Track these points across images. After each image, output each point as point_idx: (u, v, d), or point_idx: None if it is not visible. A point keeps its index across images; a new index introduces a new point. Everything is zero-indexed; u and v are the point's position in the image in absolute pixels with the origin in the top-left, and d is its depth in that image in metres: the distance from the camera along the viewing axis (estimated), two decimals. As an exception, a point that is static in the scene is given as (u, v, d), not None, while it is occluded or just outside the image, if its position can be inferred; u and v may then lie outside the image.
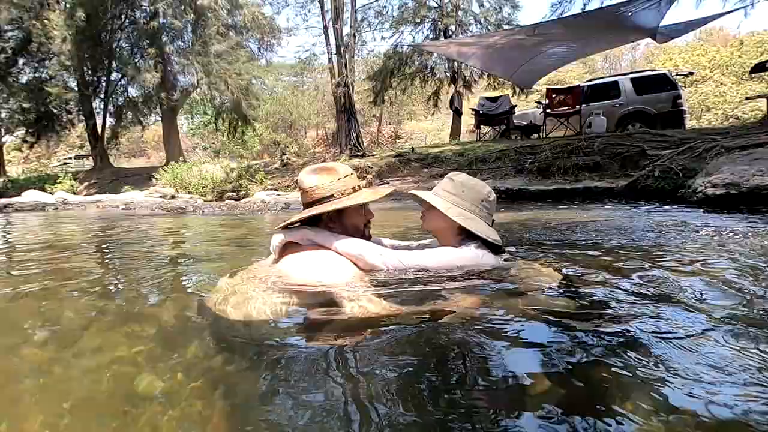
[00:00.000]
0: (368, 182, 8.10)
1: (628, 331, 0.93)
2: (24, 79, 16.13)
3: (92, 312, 1.22)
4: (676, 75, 10.37)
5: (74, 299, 1.37)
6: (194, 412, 0.68)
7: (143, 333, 1.03)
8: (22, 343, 1.01)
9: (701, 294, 1.18)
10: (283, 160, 13.07)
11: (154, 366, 0.84)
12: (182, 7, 14.47)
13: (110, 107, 17.14)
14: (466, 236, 1.34)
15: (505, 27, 14.34)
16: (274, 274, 1.28)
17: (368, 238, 1.42)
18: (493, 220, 1.43)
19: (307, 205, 1.35)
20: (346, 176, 1.36)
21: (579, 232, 2.50)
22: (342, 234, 1.32)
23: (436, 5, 15.70)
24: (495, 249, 1.36)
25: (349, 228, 1.36)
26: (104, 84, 16.69)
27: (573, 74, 25.13)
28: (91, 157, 18.65)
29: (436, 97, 16.77)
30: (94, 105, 16.84)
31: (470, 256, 1.30)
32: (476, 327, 0.96)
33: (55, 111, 16.32)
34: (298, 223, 1.36)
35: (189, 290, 1.44)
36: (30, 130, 16.72)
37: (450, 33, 15.05)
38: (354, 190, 1.35)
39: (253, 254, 2.29)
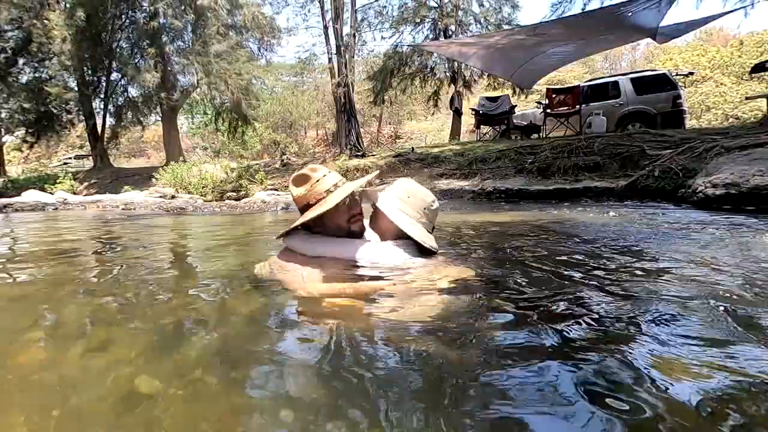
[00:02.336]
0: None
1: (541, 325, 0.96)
2: (24, 79, 16.12)
3: (91, 313, 1.21)
4: (676, 75, 10.36)
5: (73, 299, 1.37)
6: (194, 416, 0.68)
7: (143, 333, 1.03)
8: (21, 343, 1.00)
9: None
10: (283, 160, 13.07)
11: (154, 367, 0.84)
12: (182, 7, 14.46)
13: (110, 107, 17.13)
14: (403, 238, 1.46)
15: (505, 27, 14.34)
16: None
17: (357, 231, 1.50)
18: (434, 227, 1.56)
19: (300, 210, 1.48)
20: (318, 181, 1.43)
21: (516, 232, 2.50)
22: (327, 234, 1.47)
23: (436, 5, 15.70)
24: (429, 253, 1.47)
25: (331, 228, 1.46)
26: (104, 84, 16.68)
27: (573, 74, 25.13)
28: (91, 157, 18.65)
29: (436, 97, 16.76)
30: (94, 105, 16.83)
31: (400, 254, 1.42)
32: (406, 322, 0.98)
33: (55, 111, 16.31)
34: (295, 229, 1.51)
35: (189, 290, 1.44)
36: (30, 130, 16.71)
37: (450, 33, 15.04)
38: (328, 192, 1.41)
39: (253, 254, 2.29)
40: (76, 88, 15.94)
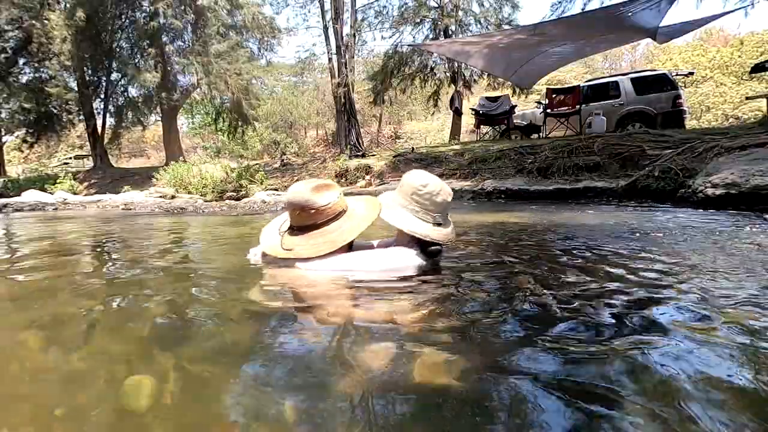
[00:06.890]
0: (368, 182, 8.09)
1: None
2: (24, 79, 16.13)
3: (90, 313, 1.21)
4: (676, 75, 10.35)
5: (72, 300, 1.37)
6: (192, 416, 0.68)
7: (142, 333, 1.03)
8: (18, 344, 1.00)
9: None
10: (283, 160, 13.10)
11: (154, 367, 0.84)
12: (182, 7, 14.48)
13: (110, 107, 17.15)
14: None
15: (505, 27, 14.33)
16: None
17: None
18: (437, 215, 1.40)
19: (315, 225, 1.40)
20: (341, 192, 1.50)
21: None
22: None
23: (436, 5, 15.69)
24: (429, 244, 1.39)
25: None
26: (104, 84, 16.69)
27: (573, 74, 25.06)
28: (91, 157, 18.66)
29: (436, 97, 16.74)
30: (94, 105, 16.84)
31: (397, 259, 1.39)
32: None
33: (55, 111, 16.31)
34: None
35: (189, 290, 1.44)
36: (30, 130, 16.71)
37: (450, 33, 15.03)
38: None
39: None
40: (76, 88, 15.95)
